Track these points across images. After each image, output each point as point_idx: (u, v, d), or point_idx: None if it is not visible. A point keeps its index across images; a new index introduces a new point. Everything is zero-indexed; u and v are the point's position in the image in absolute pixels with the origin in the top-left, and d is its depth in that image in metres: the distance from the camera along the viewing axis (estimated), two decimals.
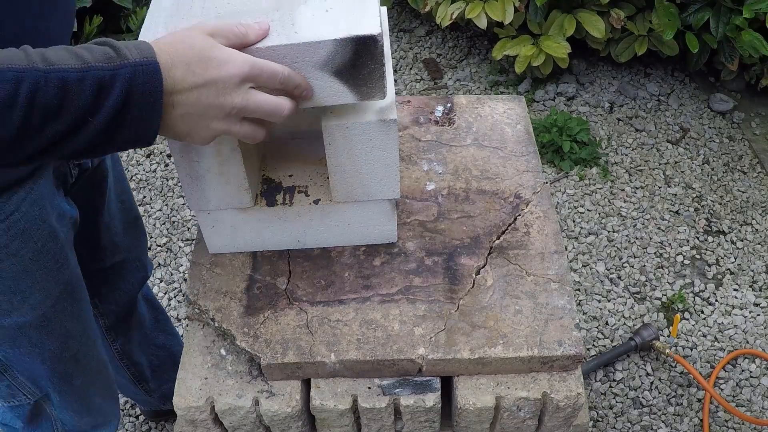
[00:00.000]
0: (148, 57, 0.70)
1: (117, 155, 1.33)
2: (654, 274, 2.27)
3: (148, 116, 0.71)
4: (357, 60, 0.81)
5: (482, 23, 2.67)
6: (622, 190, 2.55)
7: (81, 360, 1.22)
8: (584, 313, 2.17)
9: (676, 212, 2.47)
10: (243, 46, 0.77)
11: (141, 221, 1.46)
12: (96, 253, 1.33)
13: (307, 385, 1.03)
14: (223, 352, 1.04)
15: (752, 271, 2.28)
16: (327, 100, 0.86)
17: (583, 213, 2.47)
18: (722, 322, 2.14)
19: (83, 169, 1.16)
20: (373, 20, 0.80)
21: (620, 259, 2.32)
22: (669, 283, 2.24)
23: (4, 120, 0.64)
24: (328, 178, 1.02)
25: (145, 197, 2.59)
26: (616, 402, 1.97)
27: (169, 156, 2.75)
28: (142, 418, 1.97)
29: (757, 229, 2.41)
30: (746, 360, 2.05)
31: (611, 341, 2.10)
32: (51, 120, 0.66)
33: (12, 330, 1.07)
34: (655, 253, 2.33)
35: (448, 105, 1.34)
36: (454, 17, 2.73)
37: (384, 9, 1.02)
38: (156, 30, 0.83)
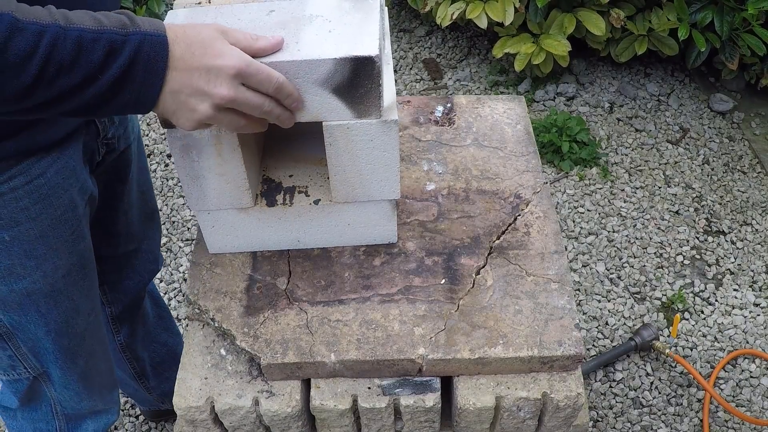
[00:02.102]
0: (158, 30, 0.76)
1: (142, 147, 1.35)
2: (654, 274, 2.27)
3: (149, 82, 0.76)
4: (355, 79, 0.85)
5: (483, 23, 2.67)
6: (622, 190, 2.55)
7: (87, 339, 1.23)
8: (584, 313, 2.17)
9: (676, 212, 2.47)
10: (250, 49, 0.81)
11: (158, 215, 1.48)
12: (111, 238, 1.35)
13: (307, 385, 1.03)
14: (223, 352, 1.04)
15: (752, 271, 2.28)
16: (325, 116, 0.90)
17: (583, 213, 2.47)
18: (722, 322, 2.14)
19: (111, 149, 1.19)
20: (372, 42, 0.85)
21: (620, 259, 2.32)
22: (669, 283, 2.24)
23: (23, 68, 0.70)
24: (328, 178, 1.02)
25: None
26: (616, 402, 1.97)
27: (169, 156, 2.75)
28: (142, 418, 1.97)
29: (757, 229, 2.41)
30: (746, 360, 2.05)
31: (611, 341, 2.10)
32: (64, 73, 0.72)
33: (22, 295, 1.09)
34: (655, 253, 2.33)
35: (448, 105, 1.34)
36: (454, 17, 2.73)
37: (385, 9, 1.03)
38: None
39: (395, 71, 3.13)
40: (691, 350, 2.08)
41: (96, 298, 1.24)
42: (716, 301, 2.20)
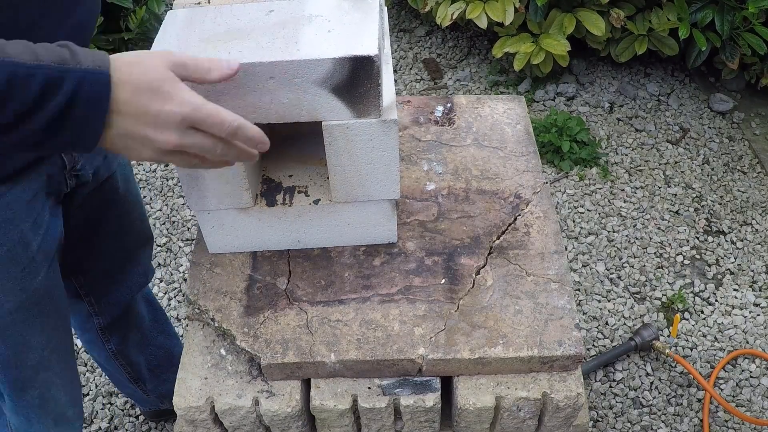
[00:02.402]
0: (101, 66, 0.70)
1: (131, 173, 1.33)
2: (654, 274, 2.27)
3: (90, 122, 0.71)
4: (354, 79, 0.85)
5: (483, 23, 2.67)
6: (622, 190, 2.55)
7: (41, 373, 1.18)
8: (584, 313, 2.17)
9: (676, 212, 2.47)
10: (203, 82, 0.76)
11: (152, 234, 1.46)
12: (99, 255, 1.33)
13: (307, 385, 1.03)
14: (223, 352, 1.04)
15: (752, 271, 2.28)
16: (325, 116, 0.90)
17: (583, 213, 2.47)
18: (722, 322, 2.14)
19: (82, 181, 1.15)
20: (372, 42, 0.85)
21: (620, 259, 2.32)
22: (669, 283, 2.24)
23: None
24: (328, 178, 1.02)
25: (145, 197, 2.59)
26: (616, 402, 1.97)
27: None
28: (142, 418, 1.97)
29: (757, 229, 2.41)
30: (746, 360, 2.05)
31: (611, 341, 2.10)
32: None
33: None
34: (655, 253, 2.33)
35: (448, 105, 1.34)
36: (454, 17, 2.73)
37: (384, 9, 1.03)
38: (168, 41, 0.87)
39: (395, 71, 3.13)
40: (691, 350, 2.08)
41: (57, 331, 1.19)
42: (716, 301, 2.20)
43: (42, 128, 0.69)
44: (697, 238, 2.38)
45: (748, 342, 2.09)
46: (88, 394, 2.02)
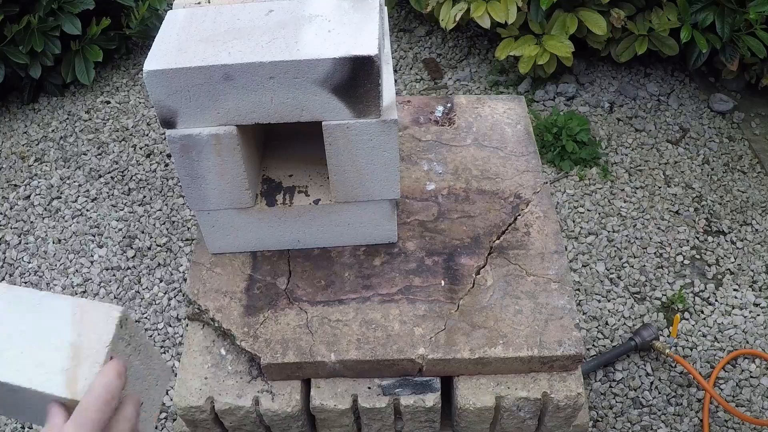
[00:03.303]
0: None
1: None
2: (654, 274, 2.27)
3: None
4: (354, 79, 0.86)
5: (486, 23, 2.68)
6: (622, 190, 2.55)
7: None
8: (584, 313, 2.16)
9: (676, 212, 2.47)
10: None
11: None
12: None
13: (307, 385, 1.03)
14: (223, 352, 1.04)
15: (752, 271, 2.28)
16: (325, 116, 0.90)
17: (583, 213, 2.47)
18: (722, 322, 2.14)
19: None
20: (372, 42, 0.85)
21: (620, 259, 2.32)
22: (669, 283, 2.24)
23: None
24: (328, 178, 1.02)
25: (145, 197, 2.59)
26: (616, 402, 1.97)
27: (169, 156, 2.75)
28: None
29: (757, 229, 2.41)
30: (746, 360, 2.05)
31: (611, 341, 2.10)
32: None
33: None
34: (655, 253, 2.33)
35: (448, 105, 1.34)
36: (457, 19, 2.73)
37: (384, 9, 1.03)
38: (168, 41, 0.86)
39: (395, 71, 3.13)
40: (691, 350, 2.08)
41: None
42: (716, 301, 2.20)
43: None
44: (697, 238, 2.38)
45: (748, 342, 2.09)
46: None
